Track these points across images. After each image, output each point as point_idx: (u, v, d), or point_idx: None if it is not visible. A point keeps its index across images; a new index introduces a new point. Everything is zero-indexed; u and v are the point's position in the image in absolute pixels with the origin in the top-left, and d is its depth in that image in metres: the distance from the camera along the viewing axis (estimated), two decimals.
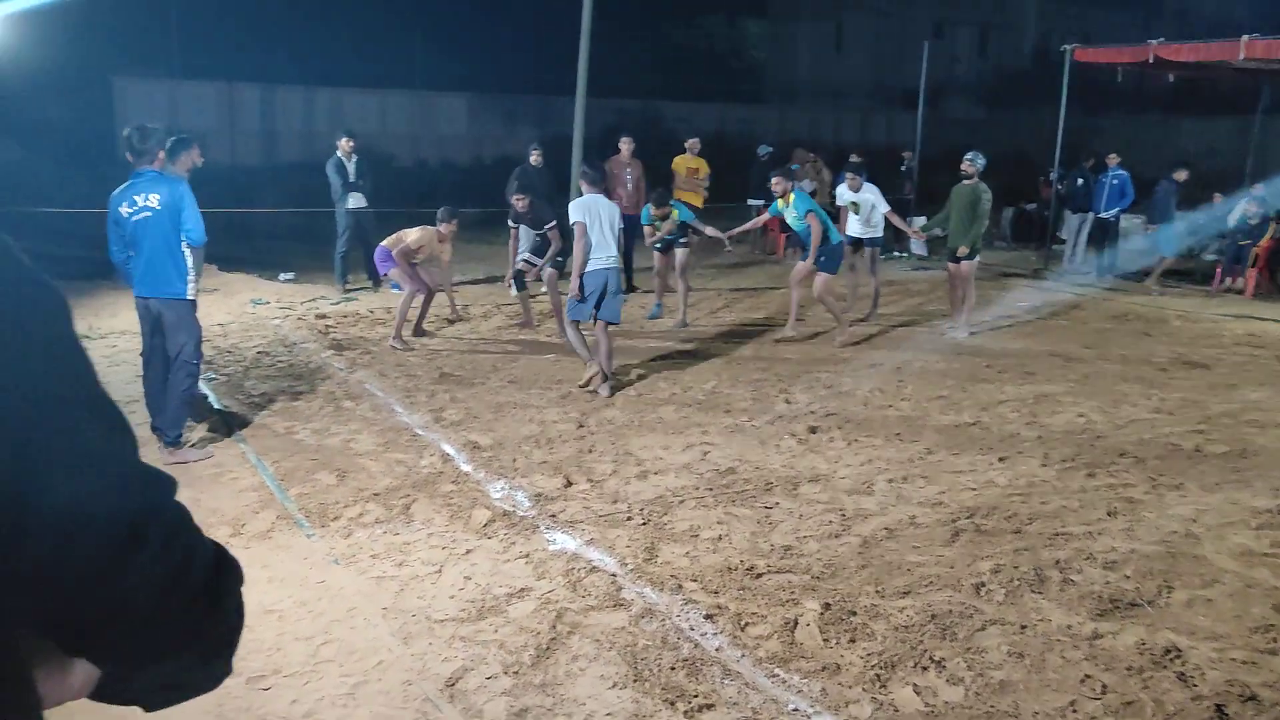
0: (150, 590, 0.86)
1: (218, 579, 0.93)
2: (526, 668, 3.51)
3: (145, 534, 0.86)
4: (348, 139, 11.61)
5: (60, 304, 0.87)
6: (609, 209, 7.26)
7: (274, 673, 3.48)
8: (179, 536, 0.90)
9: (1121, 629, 3.81)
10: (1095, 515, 5.02)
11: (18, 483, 0.78)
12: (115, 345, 8.51)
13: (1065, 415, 6.89)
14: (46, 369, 0.83)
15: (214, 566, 0.93)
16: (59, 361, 0.85)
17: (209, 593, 0.92)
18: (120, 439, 0.89)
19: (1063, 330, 10.07)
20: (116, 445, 0.88)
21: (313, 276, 12.28)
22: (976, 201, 9.19)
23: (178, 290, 5.59)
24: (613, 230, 7.18)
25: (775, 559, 4.44)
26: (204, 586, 0.91)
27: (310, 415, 6.63)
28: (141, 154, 5.46)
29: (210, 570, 0.92)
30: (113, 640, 0.88)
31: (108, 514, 0.83)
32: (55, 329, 0.86)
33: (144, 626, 0.87)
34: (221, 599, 0.94)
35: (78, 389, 0.86)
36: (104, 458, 0.85)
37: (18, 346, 0.81)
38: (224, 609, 0.94)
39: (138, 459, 0.89)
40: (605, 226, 7.14)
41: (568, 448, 6.01)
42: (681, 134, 13.88)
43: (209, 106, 23.32)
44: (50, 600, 0.84)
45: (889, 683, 3.43)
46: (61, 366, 0.85)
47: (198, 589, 0.90)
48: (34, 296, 0.85)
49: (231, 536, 4.64)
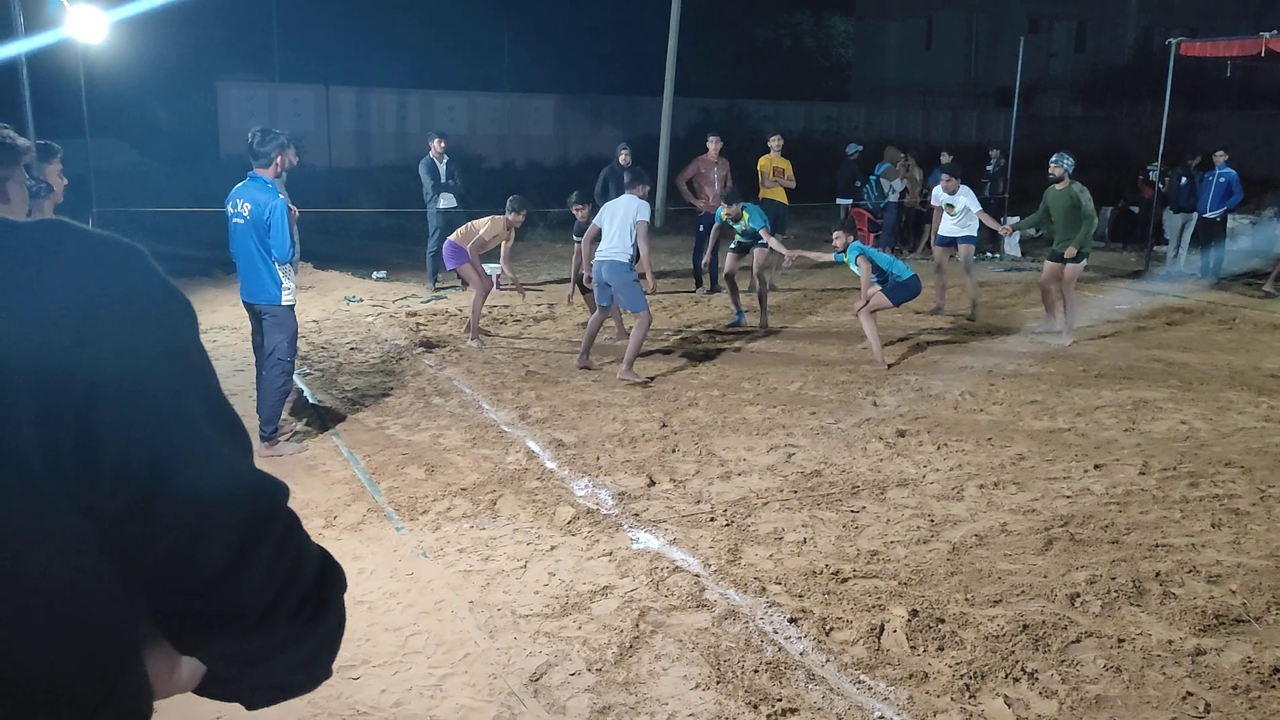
0: (263, 592, 0.89)
1: (324, 584, 0.96)
2: (609, 665, 3.52)
3: (260, 537, 0.88)
4: (439, 140, 11.84)
5: (189, 313, 0.91)
6: (620, 207, 7.77)
7: (363, 663, 3.56)
8: (291, 541, 0.92)
9: (1226, 646, 3.66)
10: (1198, 527, 4.82)
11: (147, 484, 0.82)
12: (215, 340, 8.81)
13: (1166, 422, 6.65)
14: (175, 375, 0.87)
15: (321, 571, 0.96)
16: (187, 368, 0.89)
17: (316, 596, 0.94)
18: (239, 445, 0.92)
19: (1164, 334, 9.71)
20: (236, 451, 0.91)
21: (404, 275, 12.56)
22: (1076, 205, 8.78)
23: (273, 296, 5.71)
24: (619, 227, 7.65)
25: (861, 564, 4.38)
26: (312, 590, 0.94)
27: (400, 411, 6.77)
28: (256, 156, 5.61)
29: (318, 575, 0.95)
30: (225, 639, 0.91)
31: (227, 517, 0.86)
32: (185, 337, 0.90)
33: (255, 627, 0.90)
34: (327, 603, 0.96)
35: (203, 395, 0.89)
36: (224, 462, 0.88)
37: (152, 353, 0.85)
38: (329, 612, 0.97)
39: (254, 464, 0.92)
40: (613, 223, 7.69)
41: (651, 447, 6.02)
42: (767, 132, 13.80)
43: (307, 109, 24.01)
44: (172, 597, 0.87)
45: (979, 693, 3.35)
46: (190, 373, 0.89)
47: (307, 593, 0.93)
48: (166, 305, 0.89)
49: (324, 528, 4.77)
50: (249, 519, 0.88)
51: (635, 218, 7.64)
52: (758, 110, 28.55)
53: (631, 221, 7.62)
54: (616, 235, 7.63)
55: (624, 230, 7.62)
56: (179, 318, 0.89)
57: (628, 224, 7.62)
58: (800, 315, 10.56)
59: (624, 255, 7.63)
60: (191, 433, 0.86)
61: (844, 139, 17.73)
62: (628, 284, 7.65)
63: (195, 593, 0.86)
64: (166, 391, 0.84)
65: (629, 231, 7.61)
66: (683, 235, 15.36)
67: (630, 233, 7.61)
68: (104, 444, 0.80)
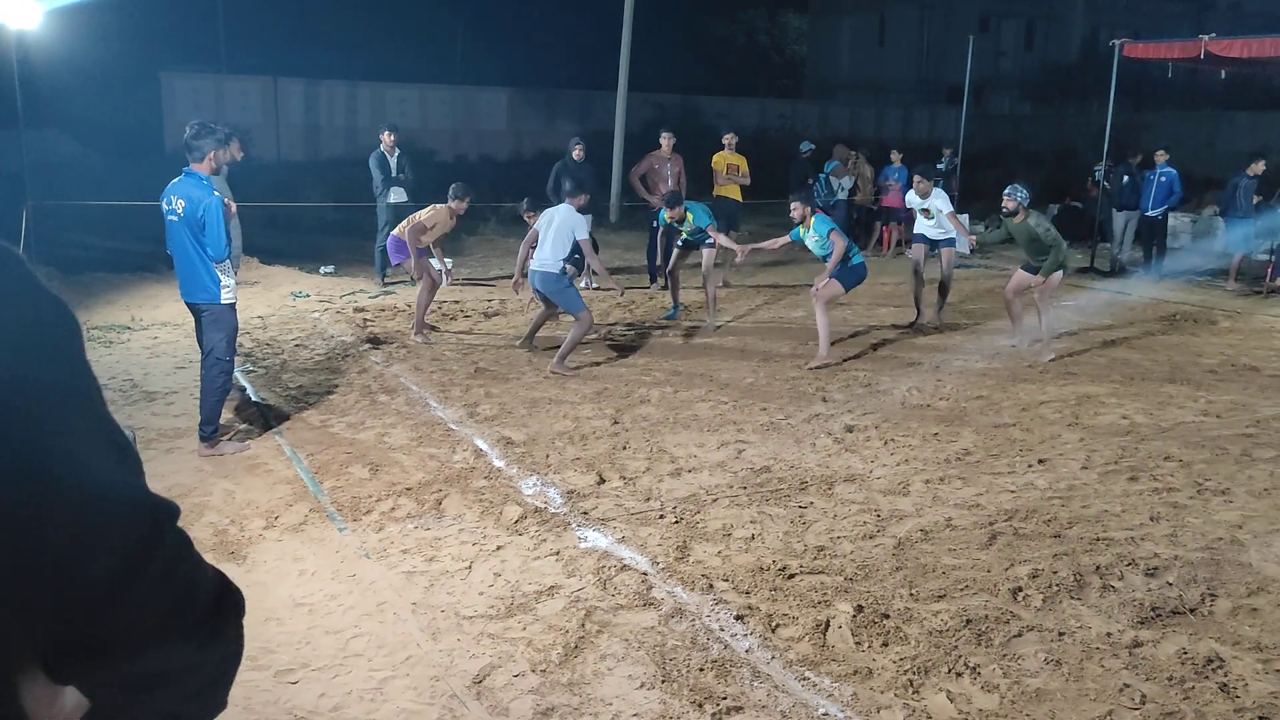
0: (147, 618, 0.84)
1: (218, 611, 0.91)
2: (554, 666, 3.49)
3: (144, 561, 0.83)
4: (390, 133, 11.69)
5: (70, 322, 0.86)
6: (556, 217, 7.83)
7: (302, 666, 3.50)
8: (180, 565, 0.87)
9: (1163, 637, 3.72)
10: (1138, 520, 4.90)
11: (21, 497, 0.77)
12: (157, 337, 8.63)
13: (1108, 417, 6.76)
14: (55, 382, 0.82)
15: (215, 598, 0.91)
16: (68, 377, 0.84)
17: (209, 624, 0.89)
18: (124, 463, 0.86)
19: (1106, 330, 9.87)
20: (120, 470, 0.85)
21: (352, 270, 12.39)
22: (1035, 237, 8.39)
23: (211, 294, 5.57)
24: (553, 238, 7.71)
25: (808, 560, 4.39)
26: (204, 618, 0.89)
27: (346, 409, 6.67)
28: (190, 151, 5.47)
29: (211, 601, 0.90)
30: (106, 668, 0.86)
31: (107, 538, 0.81)
32: (66, 349, 0.85)
33: (139, 655, 0.85)
34: (221, 632, 0.91)
35: (83, 411, 0.84)
36: (106, 481, 0.83)
37: (29, 360, 0.80)
38: (223, 640, 0.92)
39: (142, 484, 0.87)
40: (548, 233, 7.76)
41: (601, 444, 5.99)
42: (721, 129, 13.79)
43: (254, 101, 23.60)
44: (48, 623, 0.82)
45: (922, 688, 3.37)
46: (70, 381, 0.84)
47: (198, 620, 0.88)
48: (43, 314, 0.84)
49: (265, 529, 4.68)
50: (132, 541, 0.83)
51: (576, 236, 7.77)
52: (712, 106, 28.59)
53: (567, 234, 7.73)
54: (550, 246, 7.72)
55: (557, 242, 7.71)
56: (58, 327, 0.84)
57: (562, 236, 7.72)
58: (752, 311, 10.58)
59: (555, 266, 7.72)
60: (70, 450, 0.80)
61: (797, 136, 17.78)
62: (562, 291, 7.77)
63: (73, 618, 0.81)
64: (42, 405, 0.79)
65: (562, 243, 7.71)
66: (637, 231, 15.33)
67: (563, 245, 7.72)
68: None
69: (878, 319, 10.17)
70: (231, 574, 3.63)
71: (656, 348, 8.69)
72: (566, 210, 7.86)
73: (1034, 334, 8.75)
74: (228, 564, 4.28)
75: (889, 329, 9.70)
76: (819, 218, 8.38)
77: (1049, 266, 8.35)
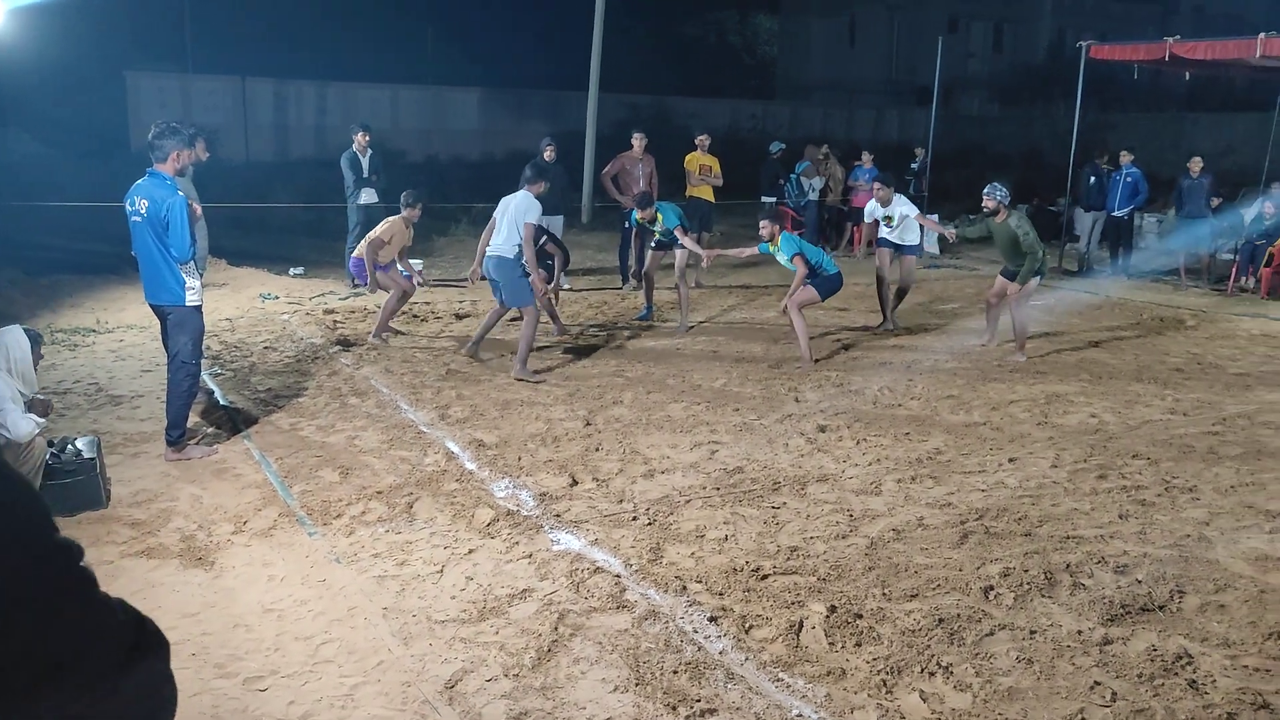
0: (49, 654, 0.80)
1: (134, 651, 0.87)
2: (527, 670, 3.47)
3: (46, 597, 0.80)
4: (364, 133, 11.60)
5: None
6: (512, 202, 7.72)
7: (272, 673, 3.45)
8: (84, 604, 0.84)
9: (1132, 635, 3.75)
10: (1107, 518, 4.95)
11: None
12: (123, 340, 8.51)
13: (1077, 416, 6.82)
14: None
15: (131, 638, 0.87)
16: None
17: (123, 665, 0.86)
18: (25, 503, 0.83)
19: (1075, 329, 9.97)
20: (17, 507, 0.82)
21: (322, 271, 12.29)
22: (1014, 240, 8.30)
23: (176, 296, 5.48)
24: (509, 223, 7.64)
25: (781, 560, 4.39)
26: (114, 658, 0.85)
27: (315, 412, 6.61)
28: (154, 151, 5.39)
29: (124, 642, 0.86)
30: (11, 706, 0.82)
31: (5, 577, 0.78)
32: None
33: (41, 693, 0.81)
34: (135, 671, 0.88)
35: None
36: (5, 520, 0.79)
37: None
38: (141, 682, 0.88)
39: (47, 524, 0.83)
40: (504, 219, 7.70)
41: (574, 446, 5.96)
42: (693, 129, 13.81)
43: (222, 101, 23.36)
44: None
45: (895, 689, 3.38)
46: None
47: (108, 659, 0.84)
48: None
49: (234, 534, 4.62)
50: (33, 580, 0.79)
51: (524, 218, 7.60)
52: (683, 107, 28.63)
53: (521, 219, 7.59)
54: (505, 232, 7.64)
55: (513, 227, 7.62)
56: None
57: (517, 221, 7.60)
58: (725, 312, 10.59)
59: (511, 252, 7.64)
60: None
61: (769, 136, 17.82)
62: (514, 280, 7.66)
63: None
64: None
65: (517, 229, 7.59)
66: (609, 231, 15.30)
67: (519, 231, 7.59)
68: None
69: (849, 319, 10.21)
70: (199, 580, 3.56)
71: (629, 349, 8.68)
72: (523, 196, 7.71)
73: (1005, 336, 8.78)
74: (195, 570, 4.23)
75: (860, 330, 9.74)
76: (786, 237, 8.37)
77: (1024, 275, 8.31)
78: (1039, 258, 8.29)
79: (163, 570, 4.23)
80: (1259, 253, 12.39)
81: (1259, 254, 12.39)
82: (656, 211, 9.19)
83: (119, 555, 4.37)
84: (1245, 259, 12.59)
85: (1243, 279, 12.57)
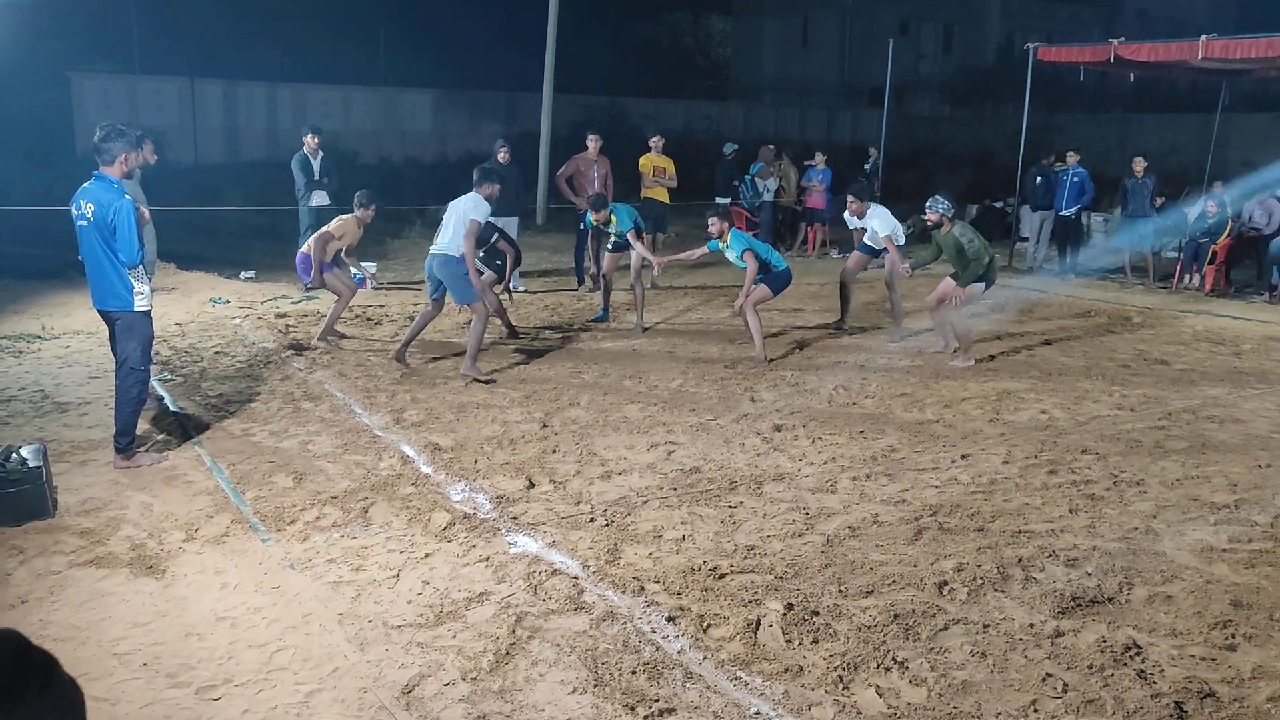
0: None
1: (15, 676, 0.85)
2: (485, 674, 3.45)
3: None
4: (313, 135, 11.49)
5: None
6: (461, 203, 7.71)
7: (225, 682, 3.40)
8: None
9: (1083, 627, 3.82)
10: (1057, 512, 5.03)
11: None
12: (69, 346, 8.34)
13: (1028, 412, 6.93)
14: None
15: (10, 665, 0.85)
16: None
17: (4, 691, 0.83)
18: None
19: (1025, 327, 10.13)
20: None
21: (274, 275, 12.13)
22: (960, 249, 8.27)
23: (124, 301, 5.37)
24: (454, 223, 7.64)
25: (739, 559, 4.41)
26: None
27: (268, 417, 6.52)
28: (100, 154, 5.28)
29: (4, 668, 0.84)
30: None
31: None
32: None
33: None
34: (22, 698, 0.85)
35: None
36: None
37: None
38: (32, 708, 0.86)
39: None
40: (449, 218, 7.70)
41: (531, 448, 5.95)
42: (647, 131, 13.84)
43: (170, 102, 23.01)
44: None
45: (851, 684, 3.41)
46: None
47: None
48: None
49: (185, 541, 4.55)
50: None
51: (469, 216, 7.58)
52: (638, 108, 28.68)
53: (466, 219, 7.56)
54: (450, 231, 7.62)
55: (459, 227, 7.60)
56: None
57: (463, 221, 7.58)
58: (681, 312, 10.62)
59: (455, 251, 7.61)
60: None
61: (723, 138, 17.90)
62: (457, 278, 7.62)
63: None
64: None
65: (463, 228, 7.57)
66: (564, 233, 15.28)
67: (463, 231, 7.56)
68: None
69: (803, 319, 10.29)
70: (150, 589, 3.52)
71: (585, 350, 8.67)
72: (471, 197, 7.70)
73: (950, 342, 8.79)
74: (146, 579, 4.15)
75: (814, 329, 9.81)
76: (736, 234, 8.39)
77: (966, 278, 8.32)
78: (984, 264, 8.29)
79: (112, 579, 4.15)
80: (1203, 250, 12.68)
81: (1203, 252, 12.68)
82: (611, 213, 9.20)
83: (67, 565, 4.28)
84: (1189, 257, 12.88)
85: (1187, 276, 12.86)
